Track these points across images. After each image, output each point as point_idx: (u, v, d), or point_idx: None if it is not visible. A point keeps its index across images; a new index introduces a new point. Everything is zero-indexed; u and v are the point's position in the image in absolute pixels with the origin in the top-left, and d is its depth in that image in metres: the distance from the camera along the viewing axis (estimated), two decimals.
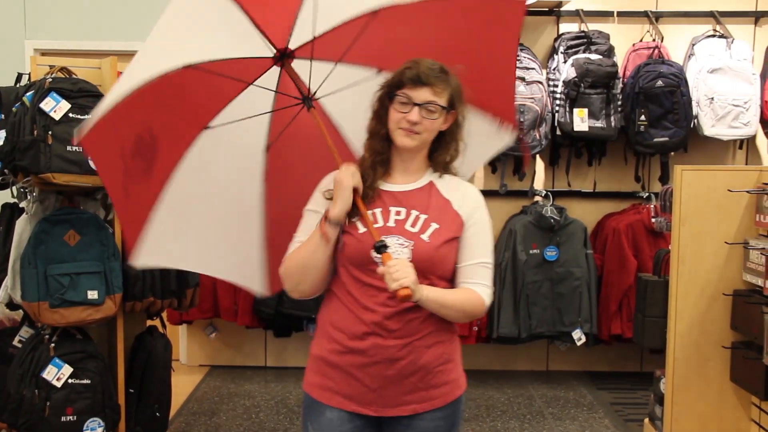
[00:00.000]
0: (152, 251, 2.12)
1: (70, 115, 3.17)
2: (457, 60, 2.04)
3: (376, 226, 1.94)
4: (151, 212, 2.08)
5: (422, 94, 1.92)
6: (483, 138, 2.23)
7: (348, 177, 1.91)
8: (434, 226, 1.96)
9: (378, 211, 1.98)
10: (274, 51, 2.08)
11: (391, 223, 1.97)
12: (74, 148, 3.14)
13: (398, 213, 1.98)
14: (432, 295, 1.91)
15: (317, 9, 2.00)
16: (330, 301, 2.04)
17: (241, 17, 1.96)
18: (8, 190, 3.55)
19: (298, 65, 2.13)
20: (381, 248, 1.88)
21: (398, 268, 1.83)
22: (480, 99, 2.14)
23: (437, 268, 1.97)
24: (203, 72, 1.98)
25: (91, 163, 2.21)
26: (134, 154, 2.00)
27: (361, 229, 1.95)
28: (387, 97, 1.97)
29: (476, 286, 2.00)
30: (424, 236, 1.95)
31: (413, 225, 1.96)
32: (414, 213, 1.98)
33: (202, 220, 2.23)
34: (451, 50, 2.09)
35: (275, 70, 2.15)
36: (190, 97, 2.07)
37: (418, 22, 2.12)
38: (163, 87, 1.92)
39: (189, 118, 2.11)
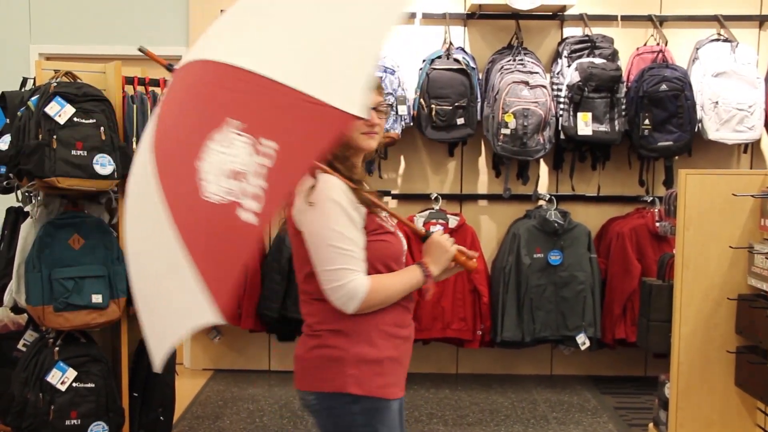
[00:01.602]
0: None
1: (75, 119, 3.18)
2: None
3: (391, 226, 2.10)
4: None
5: (373, 98, 2.03)
6: None
7: (450, 245, 2.09)
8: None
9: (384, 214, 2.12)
10: None
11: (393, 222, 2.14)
12: (79, 152, 3.15)
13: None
14: None
15: None
16: None
17: None
18: (13, 194, 3.56)
19: None
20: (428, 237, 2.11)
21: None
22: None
23: None
24: None
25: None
26: None
27: (389, 227, 2.09)
28: None
29: None
30: (399, 232, 2.17)
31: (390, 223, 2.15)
32: (385, 213, 2.14)
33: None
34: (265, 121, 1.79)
35: None
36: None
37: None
38: None
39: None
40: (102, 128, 3.23)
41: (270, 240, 5.07)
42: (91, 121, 3.21)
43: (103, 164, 3.20)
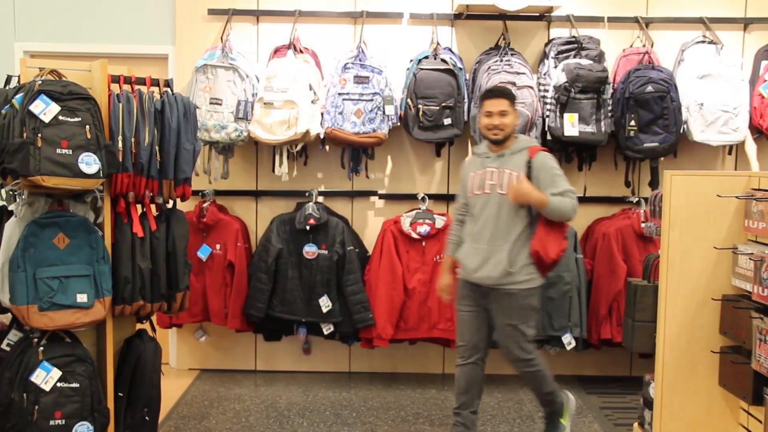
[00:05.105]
0: None
1: (60, 117, 3.15)
2: None
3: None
4: None
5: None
6: None
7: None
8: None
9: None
10: None
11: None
12: (64, 151, 3.13)
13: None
14: None
15: None
16: None
17: None
18: None
19: None
20: None
21: None
22: None
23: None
24: None
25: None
26: None
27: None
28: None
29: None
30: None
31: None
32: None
33: None
34: None
35: None
36: None
37: None
38: None
39: None
40: (87, 127, 3.20)
41: (257, 240, 5.06)
42: (76, 119, 3.19)
43: (89, 163, 3.18)
